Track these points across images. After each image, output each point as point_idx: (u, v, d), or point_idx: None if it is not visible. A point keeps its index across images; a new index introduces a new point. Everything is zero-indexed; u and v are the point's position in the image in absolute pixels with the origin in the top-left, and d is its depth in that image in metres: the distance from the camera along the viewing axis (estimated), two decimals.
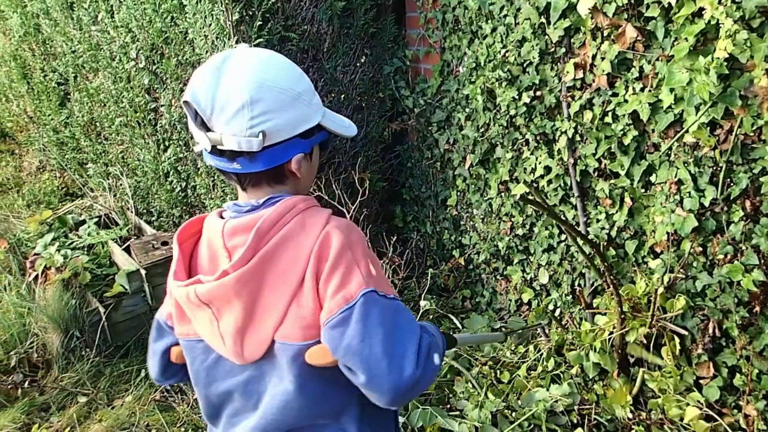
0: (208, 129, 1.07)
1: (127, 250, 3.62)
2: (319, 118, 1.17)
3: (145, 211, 4.26)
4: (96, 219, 4.08)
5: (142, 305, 3.36)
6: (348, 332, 1.04)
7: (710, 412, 2.16)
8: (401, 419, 2.40)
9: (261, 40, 2.75)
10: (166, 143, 3.71)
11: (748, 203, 2.05)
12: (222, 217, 1.17)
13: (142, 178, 4.05)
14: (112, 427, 2.72)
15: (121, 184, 4.30)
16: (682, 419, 2.22)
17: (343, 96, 3.22)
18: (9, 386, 3.00)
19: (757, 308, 2.09)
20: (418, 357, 1.06)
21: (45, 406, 2.91)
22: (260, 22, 2.73)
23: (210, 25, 2.83)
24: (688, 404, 2.21)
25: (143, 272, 3.32)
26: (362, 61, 3.25)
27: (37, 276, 3.40)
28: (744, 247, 2.09)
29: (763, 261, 2.05)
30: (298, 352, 1.10)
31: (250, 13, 2.72)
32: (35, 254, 3.59)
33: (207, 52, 2.93)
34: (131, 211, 4.10)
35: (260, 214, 1.11)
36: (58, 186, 5.42)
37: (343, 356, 1.05)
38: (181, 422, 2.76)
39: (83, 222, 4.04)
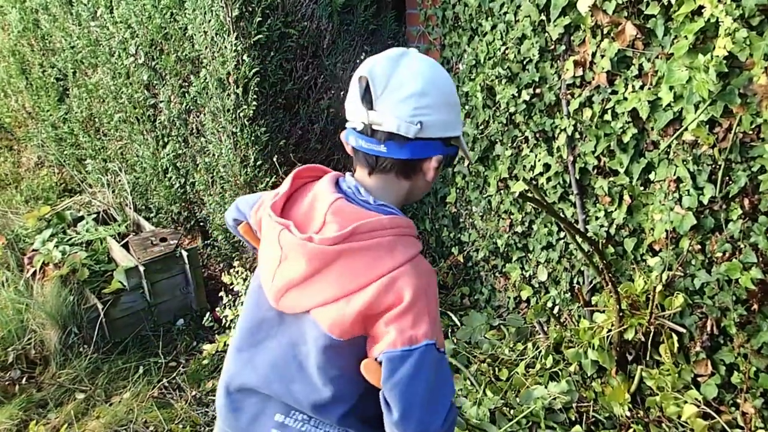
0: (371, 107, 1.16)
1: (126, 246, 3.62)
2: (459, 132, 1.27)
3: (143, 207, 4.26)
4: (94, 215, 4.07)
5: (141, 302, 3.35)
6: (402, 371, 1.09)
7: (708, 410, 2.17)
8: None
9: (260, 36, 2.74)
10: (165, 139, 3.70)
11: (746, 201, 2.06)
12: (338, 185, 1.26)
13: (141, 174, 4.04)
14: (109, 424, 2.72)
15: (119, 181, 4.29)
16: (679, 417, 2.22)
17: (342, 93, 3.22)
18: (6, 383, 2.99)
19: (755, 306, 2.09)
20: (445, 420, 1.13)
21: (42, 403, 2.91)
22: (260, 18, 2.72)
23: (209, 21, 2.82)
24: (685, 402, 2.22)
25: (141, 269, 3.31)
26: (362, 57, 3.24)
27: (35, 272, 3.39)
28: (742, 245, 2.10)
29: (761, 259, 2.05)
30: (324, 338, 1.17)
31: (250, 9, 2.72)
32: (33, 250, 3.59)
33: (206, 48, 2.93)
34: (130, 208, 4.09)
35: (368, 213, 1.17)
36: (56, 182, 5.41)
37: (390, 389, 1.10)
38: (179, 419, 2.75)
39: (81, 218, 4.03)
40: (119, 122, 4.08)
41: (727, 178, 2.10)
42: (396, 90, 1.15)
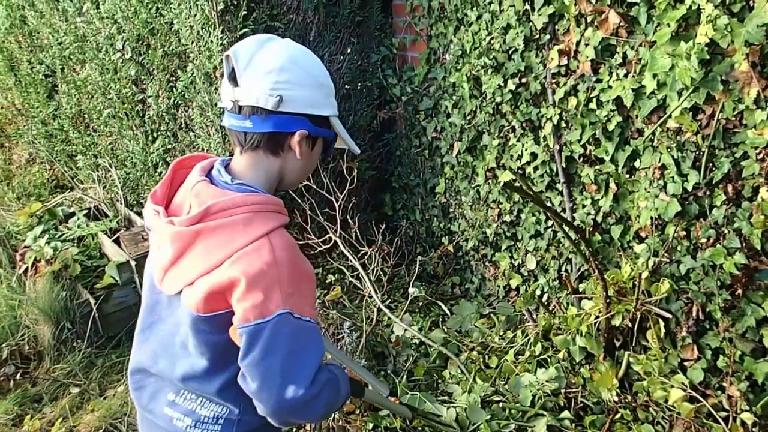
0: (236, 84, 1.23)
1: (117, 241, 3.62)
2: (329, 113, 1.32)
3: (135, 202, 4.26)
4: (86, 211, 4.08)
5: (133, 296, 3.37)
6: (257, 345, 1.15)
7: (694, 394, 2.19)
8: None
9: (246, 29, 2.74)
10: (155, 134, 3.70)
11: (730, 187, 2.07)
12: (209, 173, 1.32)
13: (132, 169, 4.05)
14: (104, 417, 2.74)
15: (110, 176, 4.29)
16: (666, 401, 2.25)
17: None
18: (1, 378, 3.01)
19: (740, 291, 2.11)
20: (313, 383, 1.19)
21: (37, 397, 2.93)
22: (245, 12, 2.72)
23: (195, 15, 2.82)
24: (672, 386, 2.24)
25: (133, 263, 3.32)
26: (349, 49, 3.25)
27: (27, 269, 3.41)
28: (726, 231, 2.12)
29: (744, 244, 2.07)
30: (191, 315, 1.22)
31: (235, 2, 2.72)
32: (25, 247, 3.59)
33: (192, 42, 2.92)
34: (121, 203, 4.10)
35: (223, 193, 1.23)
36: (48, 178, 5.40)
37: (246, 365, 1.16)
38: None
39: (73, 214, 4.03)
40: (108, 118, 4.08)
41: (711, 164, 2.11)
42: (258, 66, 1.22)
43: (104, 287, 3.29)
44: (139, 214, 4.07)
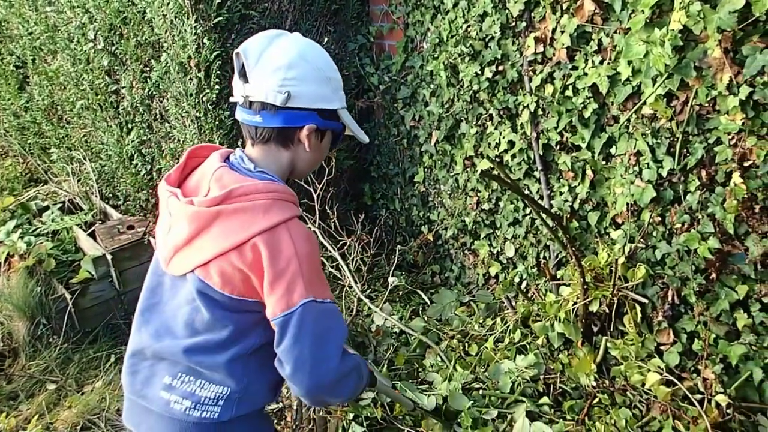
0: (246, 81, 1.28)
1: (93, 235, 3.57)
2: (337, 106, 1.37)
3: (110, 195, 4.20)
4: (60, 204, 4.01)
5: (110, 290, 3.33)
6: (287, 335, 1.24)
7: (670, 377, 2.22)
8: (371, 394, 2.42)
9: (220, 18, 2.71)
10: (129, 126, 3.65)
11: (703, 173, 2.10)
12: (228, 159, 1.38)
13: (107, 161, 3.99)
14: (82, 413, 2.71)
15: (84, 169, 4.22)
16: (643, 385, 2.27)
17: None
18: None
19: (714, 275, 2.14)
20: (343, 362, 1.30)
21: (13, 395, 2.88)
22: (219, 1, 2.68)
23: (168, 4, 2.77)
24: (649, 370, 2.27)
25: (109, 257, 3.28)
26: (326, 38, 3.22)
27: (0, 264, 3.35)
28: (700, 216, 2.14)
29: (718, 229, 2.10)
30: (201, 288, 1.28)
31: None
32: None
33: (166, 31, 2.88)
34: (96, 196, 4.04)
35: (244, 178, 1.29)
36: (20, 172, 5.30)
37: (281, 352, 1.26)
38: None
39: (47, 208, 3.97)
40: (82, 109, 4.01)
41: (685, 150, 2.13)
42: (267, 63, 1.27)
43: (80, 282, 3.24)
44: (115, 207, 4.02)
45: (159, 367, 1.37)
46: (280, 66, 1.27)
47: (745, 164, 1.97)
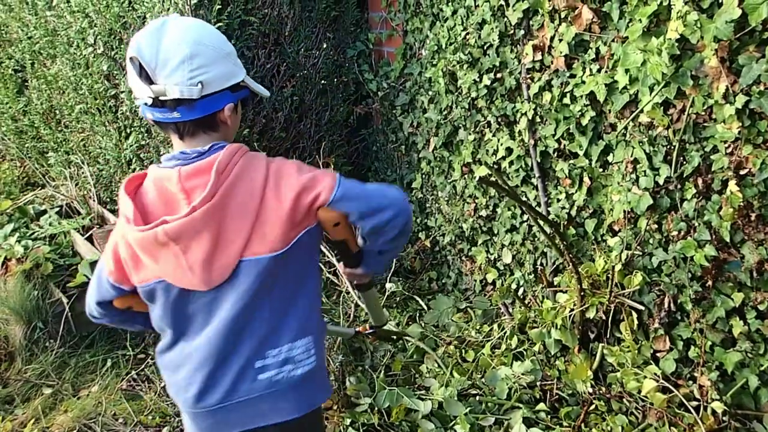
0: (151, 82, 1.24)
1: (90, 239, 3.57)
2: (242, 76, 1.38)
3: (108, 199, 4.20)
4: (57, 208, 4.01)
5: None
6: (353, 200, 1.34)
7: (666, 384, 2.23)
8: (368, 399, 2.43)
9: (220, 24, 2.72)
10: (128, 130, 3.65)
11: (700, 181, 2.11)
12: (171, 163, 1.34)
13: (105, 166, 3.99)
14: (78, 418, 2.70)
15: (82, 173, 4.22)
16: (640, 392, 2.28)
17: (306, 80, 3.21)
18: None
19: (710, 282, 2.15)
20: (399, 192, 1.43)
21: (9, 399, 2.87)
22: (219, 6, 2.70)
23: (168, 9, 2.79)
24: (645, 377, 2.27)
25: None
26: (325, 45, 3.24)
27: None
28: (697, 224, 2.15)
29: (714, 237, 2.11)
30: (266, 264, 1.31)
31: None
32: None
33: None
34: (94, 200, 4.04)
35: (212, 157, 1.28)
36: (18, 176, 5.30)
37: (364, 218, 1.36)
38: (148, 410, 2.75)
39: (44, 212, 3.97)
40: (80, 114, 4.01)
41: (682, 158, 2.15)
42: (168, 61, 1.24)
43: (77, 286, 3.23)
44: (113, 212, 4.02)
45: (243, 361, 1.38)
46: (183, 59, 1.24)
47: (741, 172, 1.99)
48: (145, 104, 1.29)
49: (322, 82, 3.31)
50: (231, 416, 1.42)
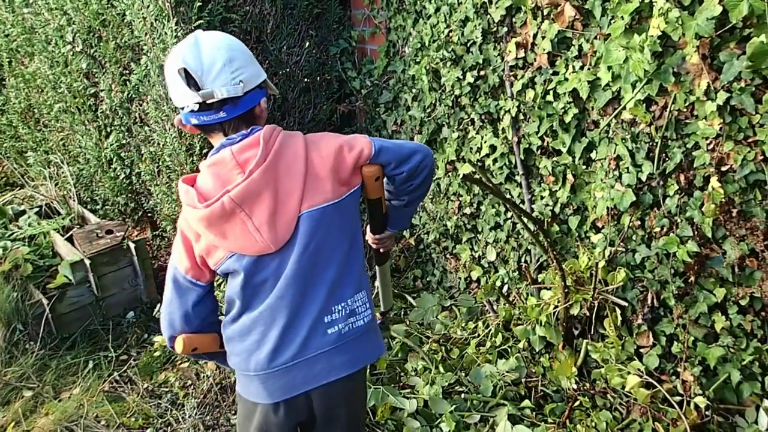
0: (198, 88, 1.37)
1: (71, 240, 3.53)
2: (264, 76, 1.53)
3: (89, 199, 4.15)
4: (37, 209, 3.96)
5: (88, 296, 3.28)
6: (390, 151, 1.56)
7: (650, 380, 2.24)
8: None
9: (201, 21, 2.69)
10: (108, 129, 3.61)
11: (682, 177, 2.12)
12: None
13: (85, 165, 3.93)
14: (59, 420, 2.66)
15: (62, 173, 4.17)
16: (623, 387, 2.29)
17: (289, 78, 3.19)
18: None
19: (692, 278, 2.17)
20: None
21: None
22: (200, 3, 2.67)
23: (148, 6, 2.75)
24: (629, 373, 2.29)
25: (87, 262, 3.24)
26: (307, 42, 3.21)
27: None
28: (679, 220, 2.17)
29: (696, 233, 2.13)
30: (322, 213, 1.46)
31: None
32: None
33: (146, 34, 2.85)
34: (74, 200, 3.99)
35: (257, 134, 1.43)
36: None
37: (399, 159, 1.58)
38: (131, 412, 2.72)
39: (23, 212, 3.91)
40: (59, 112, 3.96)
41: (664, 154, 2.16)
42: (211, 67, 1.39)
43: (57, 287, 3.19)
44: (93, 212, 3.97)
45: (314, 317, 1.49)
46: (224, 63, 1.39)
47: (723, 169, 2.00)
48: (191, 111, 1.41)
49: (305, 80, 3.28)
50: (303, 374, 1.51)
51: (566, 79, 2.34)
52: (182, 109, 1.44)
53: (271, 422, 1.56)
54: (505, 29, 2.53)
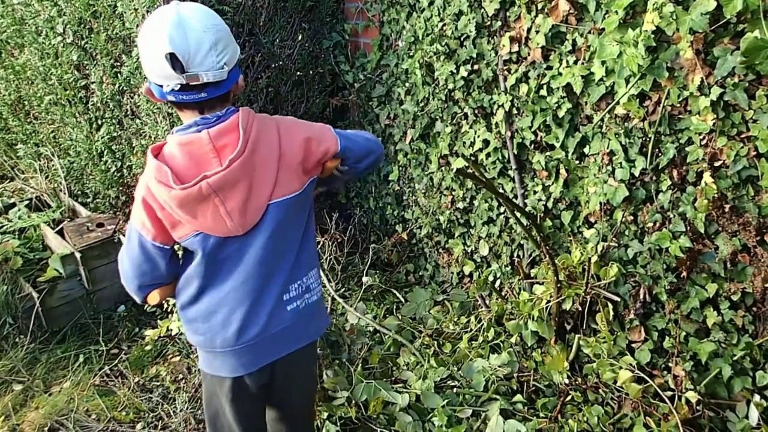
0: (183, 71, 1.36)
1: (61, 233, 3.50)
2: (239, 50, 1.55)
3: (80, 192, 4.12)
4: (27, 202, 3.93)
5: (79, 289, 3.26)
6: (351, 150, 1.68)
7: (642, 375, 2.24)
8: (345, 393, 2.41)
9: None
10: (99, 122, 3.58)
11: (675, 172, 2.12)
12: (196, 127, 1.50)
13: (76, 158, 3.90)
14: (49, 414, 2.65)
15: (53, 165, 4.13)
16: (615, 382, 2.30)
17: (282, 71, 3.17)
18: None
19: (684, 273, 2.17)
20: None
21: None
22: None
23: None
24: (621, 368, 2.29)
25: (78, 255, 3.22)
26: (300, 35, 3.19)
27: None
28: (672, 215, 2.17)
29: (689, 228, 2.13)
30: (288, 203, 1.55)
31: None
32: None
33: (137, 26, 2.83)
34: (64, 193, 3.96)
35: (233, 118, 1.46)
36: None
37: (357, 158, 1.71)
38: (122, 406, 2.71)
39: (13, 205, 3.88)
40: (50, 105, 3.92)
41: (657, 150, 2.16)
42: (198, 50, 1.37)
43: (48, 280, 3.17)
44: (84, 205, 3.94)
45: (274, 296, 1.60)
46: (210, 45, 1.38)
47: (716, 164, 2.01)
48: (171, 90, 1.41)
49: (298, 73, 3.26)
50: (267, 347, 1.63)
51: (560, 74, 2.33)
52: (160, 86, 1.43)
53: (240, 390, 1.69)
54: (499, 23, 2.52)
